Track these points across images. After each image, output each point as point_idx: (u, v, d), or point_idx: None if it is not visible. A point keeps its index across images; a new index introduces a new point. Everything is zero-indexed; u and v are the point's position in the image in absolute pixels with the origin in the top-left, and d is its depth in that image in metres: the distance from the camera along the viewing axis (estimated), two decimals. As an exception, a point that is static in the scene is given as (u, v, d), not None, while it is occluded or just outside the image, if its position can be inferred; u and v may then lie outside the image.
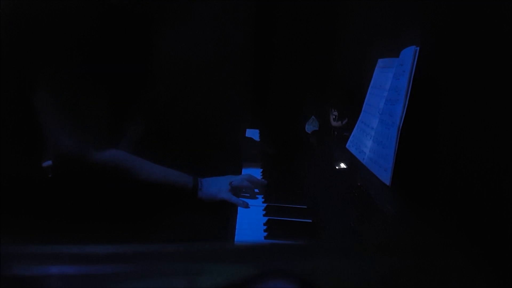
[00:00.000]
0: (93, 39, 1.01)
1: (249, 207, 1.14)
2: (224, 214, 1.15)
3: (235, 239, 0.97)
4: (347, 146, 1.05)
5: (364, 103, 1.01)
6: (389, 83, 0.86)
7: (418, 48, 0.75)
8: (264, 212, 1.10)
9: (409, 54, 0.77)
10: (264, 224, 1.02)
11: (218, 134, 1.51)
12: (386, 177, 0.75)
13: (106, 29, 1.03)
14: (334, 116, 1.28)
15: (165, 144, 1.31)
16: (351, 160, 0.98)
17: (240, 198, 1.16)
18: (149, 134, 1.23)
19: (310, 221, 1.06)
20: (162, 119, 1.32)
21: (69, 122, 1.02)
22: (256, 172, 1.40)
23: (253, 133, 1.84)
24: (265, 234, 0.98)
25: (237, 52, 1.65)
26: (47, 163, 1.14)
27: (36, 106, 1.01)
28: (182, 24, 1.31)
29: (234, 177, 1.21)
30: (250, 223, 1.03)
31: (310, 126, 1.49)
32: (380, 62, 0.98)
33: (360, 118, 1.02)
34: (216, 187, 1.18)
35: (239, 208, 1.12)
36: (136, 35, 1.11)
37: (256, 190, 1.22)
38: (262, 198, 1.20)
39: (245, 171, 1.39)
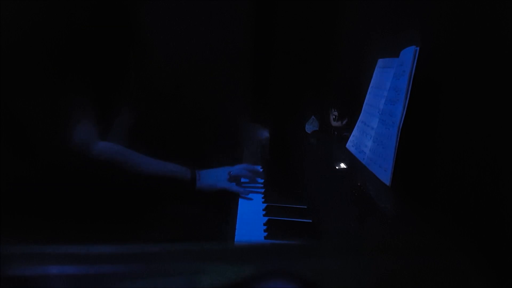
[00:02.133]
0: (84, 32, 1.00)
1: (248, 193, 1.17)
2: (224, 213, 1.15)
3: (235, 239, 0.97)
4: (347, 146, 1.05)
5: (364, 103, 1.01)
6: (389, 83, 0.86)
7: (418, 48, 0.75)
8: (264, 212, 1.10)
9: (409, 54, 0.77)
10: (264, 224, 1.02)
11: (216, 131, 1.51)
12: (386, 177, 0.75)
13: (96, 22, 1.02)
14: (334, 116, 1.28)
15: (162, 138, 1.31)
16: (351, 160, 0.98)
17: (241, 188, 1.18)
18: (145, 128, 1.23)
19: (310, 221, 1.06)
20: (159, 114, 1.32)
21: (64, 119, 1.01)
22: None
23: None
24: (265, 234, 0.98)
25: (236, 51, 1.65)
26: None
27: (24, 105, 1.00)
28: (179, 18, 1.31)
29: (232, 168, 1.21)
30: (250, 223, 1.03)
31: (310, 126, 1.49)
32: (380, 62, 0.98)
33: (360, 118, 1.02)
34: (214, 177, 1.17)
35: (239, 208, 1.12)
36: (126, 26, 1.10)
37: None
38: (262, 198, 1.20)
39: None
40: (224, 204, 1.16)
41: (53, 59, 0.98)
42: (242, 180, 1.26)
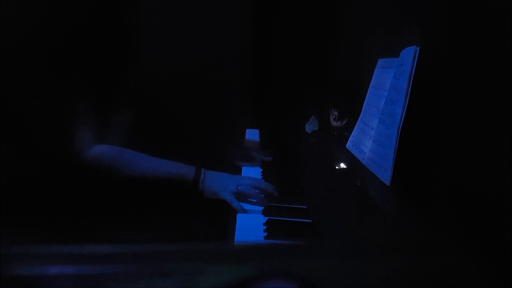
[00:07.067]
0: (82, 35, 1.00)
1: (247, 212, 1.09)
2: (224, 213, 1.15)
3: (235, 239, 0.97)
4: (347, 146, 1.05)
5: (364, 103, 1.02)
6: (389, 83, 0.86)
7: (418, 48, 0.75)
8: (264, 212, 1.10)
9: (409, 54, 0.77)
10: (264, 224, 1.02)
11: (215, 136, 1.50)
12: (386, 177, 0.75)
13: (93, 25, 1.02)
14: (334, 116, 1.28)
15: (161, 139, 1.30)
16: (351, 160, 0.98)
17: (241, 204, 1.09)
18: (145, 128, 1.22)
19: (310, 221, 1.06)
20: (157, 115, 1.31)
21: (59, 122, 0.99)
22: (256, 172, 1.39)
23: (253, 133, 1.84)
24: (265, 234, 0.97)
25: (236, 50, 1.65)
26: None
27: (23, 109, 0.99)
28: (179, 21, 1.31)
29: (243, 180, 1.13)
30: (250, 223, 1.03)
31: (310, 126, 1.49)
32: (380, 62, 0.98)
33: (360, 118, 1.02)
34: (222, 184, 1.10)
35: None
36: (124, 27, 1.10)
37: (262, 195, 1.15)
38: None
39: (245, 171, 1.39)
40: (224, 204, 1.16)
41: (51, 61, 0.97)
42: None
